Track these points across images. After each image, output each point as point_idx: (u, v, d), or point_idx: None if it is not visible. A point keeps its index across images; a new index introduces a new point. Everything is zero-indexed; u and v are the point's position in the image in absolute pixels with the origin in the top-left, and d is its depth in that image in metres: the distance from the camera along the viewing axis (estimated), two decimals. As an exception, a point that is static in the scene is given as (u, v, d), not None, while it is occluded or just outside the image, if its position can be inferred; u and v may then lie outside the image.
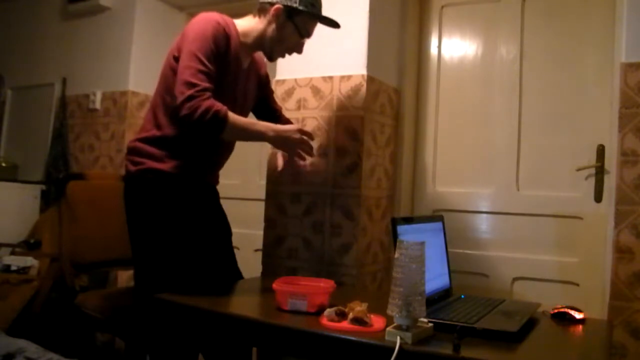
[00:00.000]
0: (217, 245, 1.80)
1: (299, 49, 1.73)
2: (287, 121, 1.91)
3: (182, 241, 1.63)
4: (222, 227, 1.84)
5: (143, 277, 1.65)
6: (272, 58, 1.74)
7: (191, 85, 1.48)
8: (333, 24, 1.73)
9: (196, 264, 1.66)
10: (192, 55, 1.51)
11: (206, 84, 1.49)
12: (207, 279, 1.67)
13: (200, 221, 1.72)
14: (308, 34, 1.71)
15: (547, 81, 2.08)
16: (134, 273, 1.70)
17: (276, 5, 1.63)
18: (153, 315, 1.48)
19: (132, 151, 1.66)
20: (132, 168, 1.64)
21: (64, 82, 3.13)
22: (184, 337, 1.48)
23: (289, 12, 1.64)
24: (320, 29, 1.75)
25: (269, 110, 1.93)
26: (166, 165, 1.62)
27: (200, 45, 1.52)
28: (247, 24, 1.69)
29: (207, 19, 1.57)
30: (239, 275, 1.84)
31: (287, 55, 1.74)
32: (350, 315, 1.18)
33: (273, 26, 1.65)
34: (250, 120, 1.63)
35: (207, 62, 1.51)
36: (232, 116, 1.53)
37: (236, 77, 1.68)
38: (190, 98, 1.46)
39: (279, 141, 1.69)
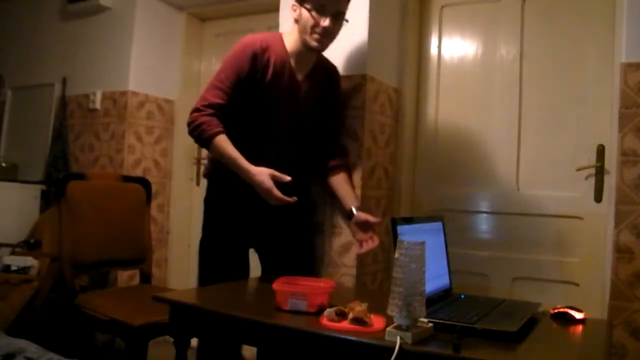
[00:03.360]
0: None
1: (330, 26, 1.67)
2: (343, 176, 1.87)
3: (240, 239, 1.76)
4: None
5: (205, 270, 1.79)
6: (319, 48, 1.73)
7: (203, 99, 1.66)
8: None
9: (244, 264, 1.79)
10: (217, 73, 1.68)
11: (216, 100, 1.65)
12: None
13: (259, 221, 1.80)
14: (324, 8, 1.66)
15: (547, 81, 2.08)
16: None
17: (292, 3, 1.72)
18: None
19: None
20: (211, 167, 1.80)
21: (64, 82, 3.13)
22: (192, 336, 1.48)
23: (299, 1, 1.70)
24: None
25: (322, 138, 1.88)
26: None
27: (226, 65, 1.68)
28: (290, 32, 1.76)
29: (242, 42, 1.68)
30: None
31: (329, 39, 1.71)
32: (350, 315, 1.18)
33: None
34: (236, 155, 1.63)
35: (225, 80, 1.66)
36: (220, 142, 1.63)
37: (287, 89, 1.73)
38: (196, 110, 1.65)
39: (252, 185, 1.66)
